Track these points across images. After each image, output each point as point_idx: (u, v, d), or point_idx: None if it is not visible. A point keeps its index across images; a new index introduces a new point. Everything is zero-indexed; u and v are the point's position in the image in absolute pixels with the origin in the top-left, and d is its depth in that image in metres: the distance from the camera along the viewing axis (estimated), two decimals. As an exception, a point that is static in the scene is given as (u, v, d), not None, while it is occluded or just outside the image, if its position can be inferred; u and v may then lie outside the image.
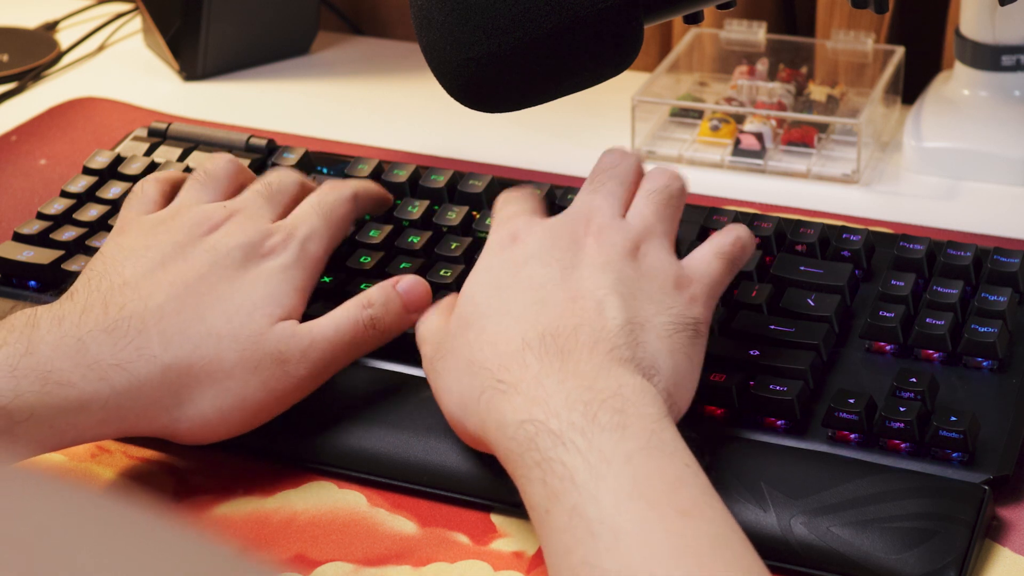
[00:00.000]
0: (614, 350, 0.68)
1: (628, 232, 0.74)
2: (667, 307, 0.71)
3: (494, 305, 0.71)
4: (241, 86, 1.18)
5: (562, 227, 0.74)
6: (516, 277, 0.72)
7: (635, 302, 0.71)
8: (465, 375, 0.70)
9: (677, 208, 0.77)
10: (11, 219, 0.99)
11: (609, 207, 0.75)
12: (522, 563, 0.72)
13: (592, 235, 0.73)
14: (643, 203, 0.76)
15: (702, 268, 0.74)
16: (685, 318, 0.71)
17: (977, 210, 0.99)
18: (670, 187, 0.77)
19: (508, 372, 0.68)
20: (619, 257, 0.72)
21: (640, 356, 0.69)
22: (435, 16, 0.73)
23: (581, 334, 0.69)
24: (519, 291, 0.71)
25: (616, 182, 0.77)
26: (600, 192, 0.76)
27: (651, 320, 0.70)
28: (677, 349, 0.70)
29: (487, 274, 0.73)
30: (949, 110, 1.03)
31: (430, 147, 1.07)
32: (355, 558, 0.72)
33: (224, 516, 0.75)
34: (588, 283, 0.71)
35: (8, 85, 1.19)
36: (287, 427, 0.78)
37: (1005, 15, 0.99)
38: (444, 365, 0.72)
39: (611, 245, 0.73)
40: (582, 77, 0.75)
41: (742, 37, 1.11)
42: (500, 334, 0.70)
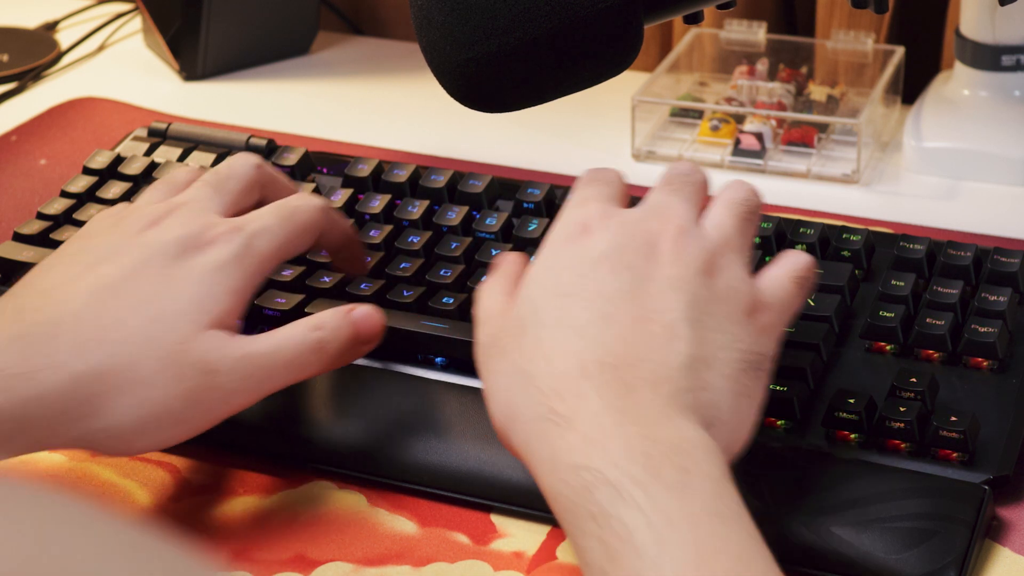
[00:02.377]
0: (677, 394, 0.64)
1: (705, 243, 0.69)
2: (736, 339, 0.66)
3: (554, 313, 0.66)
4: (241, 86, 1.18)
5: (637, 225, 0.69)
6: (582, 282, 0.67)
7: (703, 332, 0.66)
8: (516, 387, 0.66)
9: (755, 224, 0.72)
10: (11, 219, 0.99)
11: (687, 212, 0.70)
12: (522, 563, 0.72)
13: (669, 239, 0.68)
14: (724, 213, 0.71)
15: (777, 293, 0.70)
16: (753, 354, 0.67)
17: (977, 210, 0.99)
18: (750, 201, 0.72)
19: (563, 401, 0.63)
20: (694, 274, 0.67)
21: (702, 402, 0.64)
22: (435, 16, 0.73)
23: (643, 369, 0.64)
24: (583, 300, 0.66)
25: (693, 188, 0.72)
26: (679, 194, 0.71)
27: (717, 355, 0.66)
28: (740, 391, 0.66)
29: (550, 272, 0.68)
30: (949, 110, 1.03)
31: (430, 147, 1.07)
32: (355, 558, 0.72)
33: (224, 516, 0.75)
34: (659, 302, 0.66)
35: (8, 85, 1.19)
36: (287, 427, 0.78)
37: (1005, 15, 0.99)
38: (496, 365, 0.67)
39: (688, 257, 0.68)
40: (582, 77, 0.75)
41: (742, 37, 1.11)
42: (557, 349, 0.65)
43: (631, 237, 0.68)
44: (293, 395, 0.79)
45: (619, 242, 0.68)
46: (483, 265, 0.85)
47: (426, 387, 0.79)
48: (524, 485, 0.74)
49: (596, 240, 0.68)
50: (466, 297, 0.83)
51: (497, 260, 0.74)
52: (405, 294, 0.83)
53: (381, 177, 0.93)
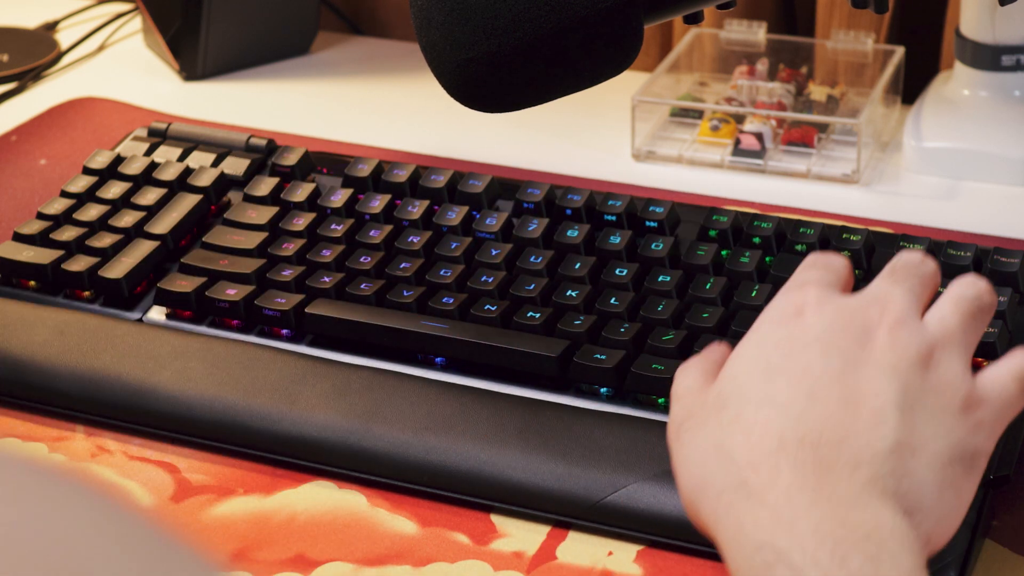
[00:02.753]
0: (878, 478, 0.61)
1: (924, 336, 0.66)
2: (947, 431, 0.63)
3: (758, 389, 0.64)
4: (241, 86, 1.18)
5: (854, 312, 0.66)
6: (790, 361, 0.65)
7: (913, 420, 0.63)
8: (711, 459, 0.64)
9: (983, 323, 0.68)
10: (11, 219, 0.99)
11: (909, 303, 0.67)
12: (522, 563, 0.72)
13: (886, 328, 0.65)
14: (949, 308, 0.67)
15: (996, 390, 0.66)
16: (964, 447, 0.64)
17: (977, 210, 0.98)
18: (982, 298, 0.68)
19: (756, 474, 0.62)
20: (909, 363, 0.64)
21: (905, 489, 0.62)
22: (435, 16, 0.73)
23: (844, 451, 0.62)
24: (789, 378, 0.64)
25: (918, 280, 0.68)
26: (902, 285, 0.68)
27: (926, 446, 0.63)
28: (947, 483, 0.63)
29: (758, 350, 0.66)
30: (949, 110, 1.03)
31: (430, 147, 1.07)
32: (355, 558, 0.72)
33: (224, 516, 0.75)
34: (868, 387, 0.63)
35: (8, 85, 1.19)
36: (287, 427, 0.78)
37: (1005, 15, 0.99)
38: (691, 438, 0.65)
39: (904, 346, 0.65)
40: (582, 77, 0.75)
41: (742, 37, 1.11)
42: (757, 423, 0.63)
43: (846, 323, 0.66)
44: (293, 395, 0.79)
45: (833, 326, 0.66)
46: (483, 265, 0.85)
47: (426, 387, 0.79)
48: (524, 485, 0.74)
49: (809, 323, 0.66)
50: (466, 297, 0.83)
51: (701, 352, 0.71)
52: (405, 294, 0.83)
53: (381, 177, 0.93)
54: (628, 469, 0.73)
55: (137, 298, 0.87)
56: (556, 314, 0.82)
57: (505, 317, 0.82)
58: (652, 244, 0.85)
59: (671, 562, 0.72)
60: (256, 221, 0.90)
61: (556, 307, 0.82)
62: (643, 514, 0.72)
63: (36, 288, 0.88)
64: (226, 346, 0.82)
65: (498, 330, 0.81)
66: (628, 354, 0.79)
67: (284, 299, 0.84)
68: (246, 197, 0.93)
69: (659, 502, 0.72)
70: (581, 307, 0.82)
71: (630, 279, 0.83)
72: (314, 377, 0.80)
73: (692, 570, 0.71)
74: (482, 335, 0.80)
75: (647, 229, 0.88)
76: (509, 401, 0.78)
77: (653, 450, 0.73)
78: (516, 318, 0.81)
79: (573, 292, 0.83)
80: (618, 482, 0.73)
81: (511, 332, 0.81)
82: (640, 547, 0.73)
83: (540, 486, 0.74)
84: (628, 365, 0.78)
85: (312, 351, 0.83)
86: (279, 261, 0.88)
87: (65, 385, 0.81)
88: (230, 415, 0.79)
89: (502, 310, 0.82)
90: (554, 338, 0.80)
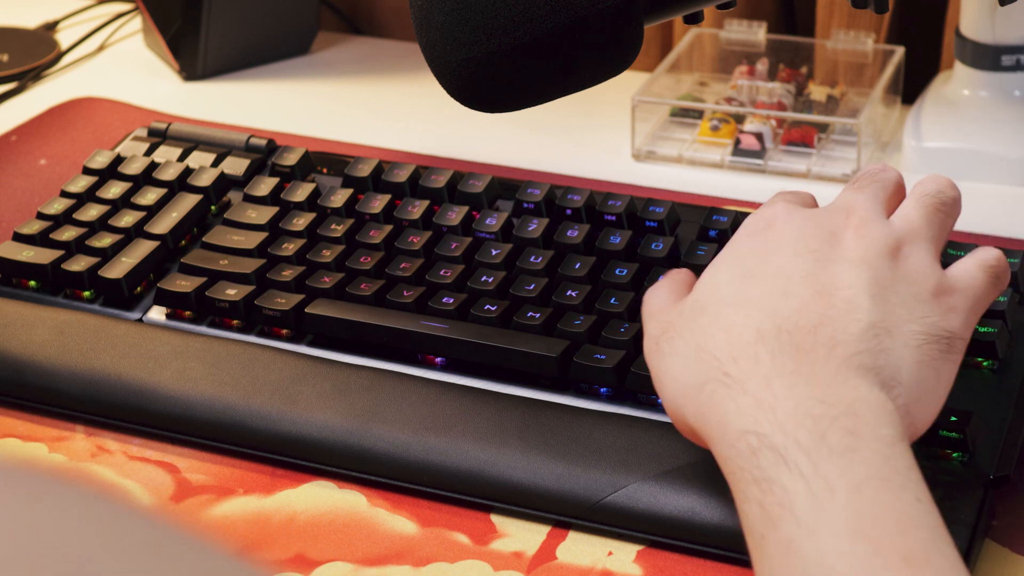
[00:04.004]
0: (854, 356, 0.63)
1: (890, 230, 0.68)
2: (921, 315, 0.65)
3: (734, 292, 0.67)
4: (241, 86, 1.18)
5: (821, 217, 0.69)
6: (763, 265, 0.67)
7: (887, 305, 0.65)
8: (692, 361, 0.66)
9: (948, 216, 0.71)
10: (11, 219, 0.99)
11: (872, 206, 0.69)
12: (522, 563, 0.72)
13: (852, 228, 0.68)
14: (912, 205, 0.70)
15: (966, 279, 0.68)
16: (940, 329, 0.65)
17: (977, 210, 0.98)
18: (943, 192, 0.71)
19: (736, 365, 0.64)
20: (877, 255, 0.67)
21: (882, 364, 0.63)
22: (435, 16, 0.73)
23: (821, 333, 0.64)
24: (763, 279, 0.67)
25: (879, 185, 0.71)
26: (864, 191, 0.71)
27: (901, 327, 0.65)
28: (925, 361, 0.64)
29: (732, 260, 0.69)
30: (949, 110, 1.03)
31: (430, 147, 1.07)
32: (355, 558, 0.72)
33: (224, 516, 0.75)
34: (839, 279, 0.66)
35: (8, 85, 1.19)
36: (287, 427, 0.78)
37: (1005, 15, 0.99)
38: (671, 347, 0.68)
39: (871, 241, 0.67)
40: (582, 77, 0.75)
41: (742, 37, 1.11)
42: (735, 321, 0.65)
43: (815, 227, 0.68)
44: (293, 395, 0.79)
45: (803, 231, 0.68)
46: (483, 265, 0.85)
47: (426, 387, 0.79)
48: (524, 485, 0.74)
49: (779, 231, 0.69)
50: (466, 297, 0.83)
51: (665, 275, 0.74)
52: (405, 294, 0.83)
53: (381, 177, 0.93)
54: (628, 469, 0.73)
55: (137, 298, 0.87)
56: (556, 314, 0.82)
57: (505, 317, 0.82)
58: (652, 244, 0.85)
59: (671, 562, 0.72)
60: (256, 221, 0.90)
61: (556, 307, 0.82)
62: (643, 514, 0.72)
63: (36, 288, 0.88)
64: (226, 346, 0.82)
65: (498, 330, 0.81)
66: (628, 354, 0.79)
67: (284, 299, 0.84)
68: (246, 197, 0.93)
69: (659, 502, 0.72)
70: (581, 307, 0.82)
71: (630, 279, 0.83)
72: (314, 377, 0.80)
73: (692, 570, 0.71)
74: (482, 335, 0.80)
75: (647, 229, 0.88)
76: (509, 401, 0.78)
77: (653, 450, 0.73)
78: (516, 318, 0.81)
79: (573, 292, 0.83)
80: (618, 482, 0.73)
81: (511, 332, 0.81)
82: (640, 547, 0.73)
83: (540, 486, 0.74)
84: (628, 365, 0.78)
85: (312, 351, 0.83)
86: (279, 261, 0.88)
87: (65, 385, 0.81)
88: (230, 415, 0.79)
89: (502, 310, 0.82)
90: (554, 338, 0.80)
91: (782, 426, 0.61)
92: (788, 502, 0.59)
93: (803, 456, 0.59)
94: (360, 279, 0.85)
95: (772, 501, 0.59)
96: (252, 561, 0.36)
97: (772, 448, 0.60)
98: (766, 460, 0.60)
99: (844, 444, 0.60)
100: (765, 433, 0.61)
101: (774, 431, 0.61)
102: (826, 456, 0.59)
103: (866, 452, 0.59)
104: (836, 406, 0.61)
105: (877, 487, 0.59)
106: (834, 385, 0.62)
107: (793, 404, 0.61)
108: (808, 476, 0.59)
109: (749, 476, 0.60)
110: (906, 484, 0.59)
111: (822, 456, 0.59)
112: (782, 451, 0.60)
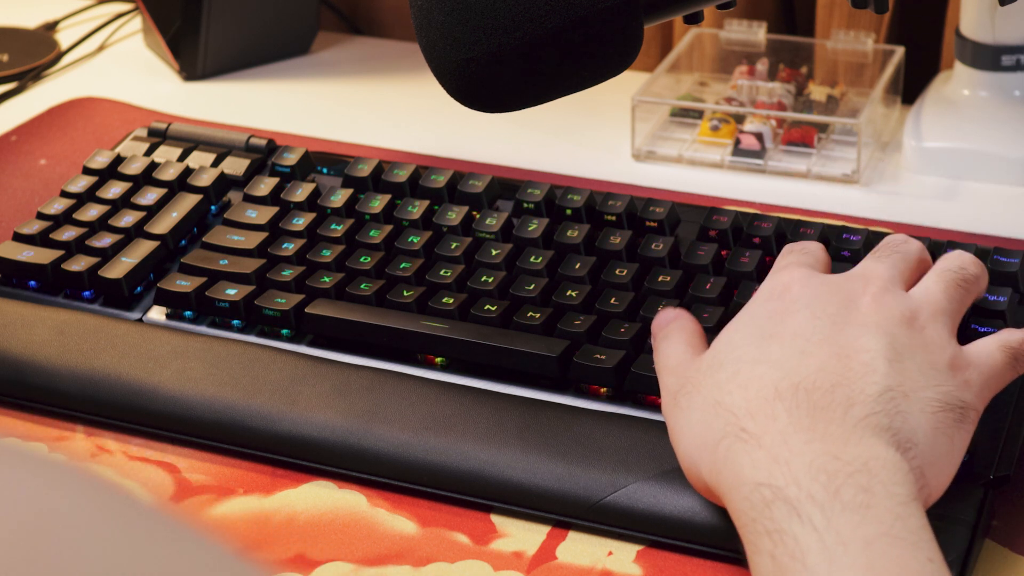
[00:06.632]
0: (871, 416, 0.63)
1: (909, 302, 0.69)
2: (937, 383, 0.66)
3: (753, 351, 0.67)
4: (241, 86, 1.18)
5: (839, 284, 0.70)
6: (781, 326, 0.68)
7: (903, 370, 0.65)
8: (710, 416, 0.66)
9: (969, 292, 0.71)
10: (11, 219, 0.99)
11: (891, 276, 0.70)
12: (522, 563, 0.72)
13: (870, 296, 0.69)
14: (933, 280, 0.71)
15: (983, 357, 0.68)
16: (955, 399, 0.66)
17: (977, 210, 0.99)
18: (966, 269, 0.72)
19: (753, 420, 0.64)
20: (894, 322, 0.67)
21: (898, 426, 0.63)
22: (435, 16, 0.73)
23: (838, 393, 0.64)
24: (782, 340, 0.67)
25: (901, 257, 0.72)
26: (884, 261, 0.71)
27: (917, 392, 0.65)
28: (940, 428, 0.64)
29: (751, 320, 0.69)
30: (949, 110, 1.03)
31: (430, 147, 1.07)
32: (355, 558, 0.72)
33: (224, 516, 0.75)
34: (857, 343, 0.66)
35: (8, 85, 1.19)
36: (287, 427, 0.78)
37: (1005, 15, 0.99)
38: (689, 402, 0.68)
39: (888, 309, 0.68)
40: (582, 77, 0.75)
41: (742, 37, 1.11)
42: (753, 379, 0.66)
43: (833, 293, 0.69)
44: (293, 395, 0.79)
45: (820, 296, 0.69)
46: (483, 265, 0.85)
47: (426, 387, 0.79)
48: (524, 485, 0.74)
49: (797, 295, 0.69)
50: (466, 297, 0.83)
51: (660, 320, 0.74)
52: (405, 294, 0.83)
53: (381, 177, 0.93)
54: (628, 469, 0.73)
55: (137, 298, 0.87)
56: (556, 314, 0.82)
57: (505, 317, 0.82)
58: (652, 244, 0.85)
59: (671, 562, 0.72)
60: (256, 221, 0.90)
61: (556, 307, 0.82)
62: (643, 514, 0.72)
63: (36, 288, 0.88)
64: (226, 346, 0.82)
65: (498, 330, 0.81)
66: (628, 354, 0.79)
67: (284, 299, 0.84)
68: (246, 197, 0.93)
69: (659, 502, 0.72)
70: (581, 307, 0.82)
71: (630, 279, 0.83)
72: (314, 377, 0.80)
73: (692, 570, 0.71)
74: (482, 335, 0.80)
75: (647, 229, 0.88)
76: (509, 401, 0.78)
77: (653, 450, 0.73)
78: (516, 318, 0.81)
79: (573, 292, 0.83)
80: (618, 482, 0.73)
81: (511, 332, 0.81)
82: (640, 547, 0.73)
83: (540, 486, 0.74)
84: (628, 365, 0.78)
85: (312, 351, 0.83)
86: (279, 261, 0.88)
87: (65, 385, 0.81)
88: (230, 415, 0.79)
89: (502, 310, 0.82)
90: (554, 338, 0.80)
91: (796, 480, 0.61)
92: (800, 554, 0.59)
93: (816, 510, 0.60)
94: (360, 279, 0.85)
95: (784, 553, 0.59)
96: (252, 561, 0.36)
97: (786, 500, 0.60)
98: (779, 512, 0.60)
99: (858, 500, 0.60)
100: (779, 486, 0.61)
101: (788, 484, 0.61)
102: (839, 511, 0.59)
103: (879, 509, 0.60)
104: (851, 463, 0.61)
105: (889, 544, 0.59)
106: (850, 443, 0.62)
107: (808, 459, 0.61)
108: (821, 530, 0.59)
109: (762, 528, 0.61)
110: (918, 543, 0.59)
111: (835, 511, 0.59)
112: (796, 504, 0.60)
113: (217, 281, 0.86)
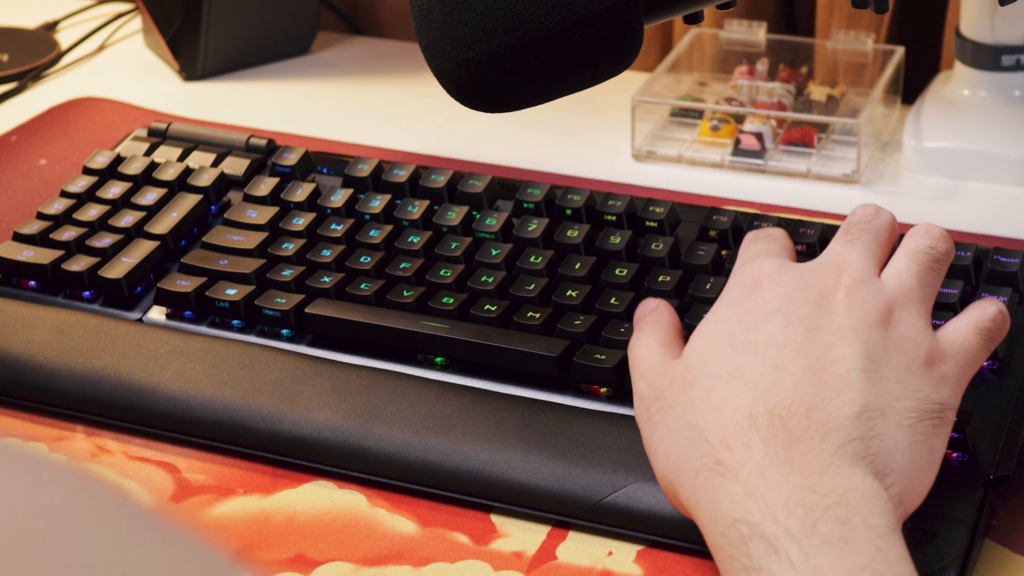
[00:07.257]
0: (848, 443, 0.63)
1: (882, 295, 0.67)
2: (913, 389, 0.65)
3: (725, 366, 0.66)
4: (241, 86, 1.18)
5: (811, 278, 0.68)
6: (753, 335, 0.66)
7: (879, 381, 0.65)
8: (684, 440, 0.65)
9: (940, 273, 0.70)
10: (11, 219, 0.99)
11: (864, 262, 0.69)
12: (522, 563, 0.72)
13: (843, 291, 0.67)
14: (904, 263, 0.69)
15: (958, 343, 0.68)
16: (931, 403, 0.65)
17: (977, 210, 0.99)
18: (936, 248, 0.70)
19: (729, 452, 0.63)
20: (869, 324, 0.66)
21: (875, 451, 0.63)
22: (435, 16, 0.73)
23: (813, 420, 0.63)
24: (755, 352, 0.66)
25: (872, 236, 0.70)
26: (855, 245, 0.70)
27: (893, 405, 0.64)
28: (918, 440, 0.64)
29: (722, 326, 0.68)
30: (949, 110, 1.03)
31: (430, 147, 1.07)
32: (355, 558, 0.72)
33: (224, 516, 0.75)
34: (831, 353, 0.65)
35: (8, 85, 1.19)
36: (287, 427, 0.78)
37: (1005, 15, 0.99)
38: (662, 419, 0.67)
39: (862, 307, 0.67)
40: (582, 77, 0.75)
41: (742, 37, 1.11)
42: (728, 400, 0.65)
43: (804, 291, 0.67)
44: (293, 395, 0.79)
45: (791, 295, 0.67)
46: (483, 265, 0.85)
47: (426, 387, 0.79)
48: (524, 485, 0.74)
49: (768, 295, 0.68)
50: (466, 297, 0.83)
51: (642, 309, 0.74)
52: (405, 294, 0.83)
53: (381, 177, 0.93)
54: (628, 469, 0.73)
55: (137, 298, 0.87)
56: (556, 314, 0.82)
57: (505, 317, 0.82)
58: (652, 244, 0.85)
59: (671, 562, 0.72)
60: (256, 221, 0.90)
61: (556, 307, 0.82)
62: (643, 514, 0.72)
63: (36, 288, 0.88)
64: (226, 346, 0.82)
65: (498, 330, 0.81)
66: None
67: (284, 299, 0.84)
68: (246, 197, 0.93)
69: (659, 502, 0.72)
70: (581, 307, 0.82)
71: (630, 279, 0.83)
72: (314, 377, 0.80)
73: (692, 570, 0.71)
74: (482, 335, 0.80)
75: (647, 229, 0.88)
76: (509, 401, 0.78)
77: (653, 450, 0.73)
78: (516, 318, 0.81)
79: (573, 292, 0.83)
80: (618, 482, 0.73)
81: (511, 332, 0.81)
82: (640, 547, 0.73)
83: (540, 486, 0.74)
84: (628, 365, 0.78)
85: (312, 351, 0.83)
86: (279, 261, 0.88)
87: (65, 385, 0.81)
88: (230, 415, 0.79)
89: (502, 310, 0.82)
90: (554, 338, 0.80)
91: (773, 515, 0.60)
92: None
93: (794, 545, 0.59)
94: (360, 279, 0.85)
95: None
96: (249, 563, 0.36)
97: (763, 537, 0.60)
98: (757, 549, 0.60)
99: (836, 534, 0.59)
100: (756, 522, 0.60)
101: (765, 520, 0.60)
102: (817, 546, 0.59)
103: (858, 542, 0.59)
104: (828, 495, 0.61)
105: None
106: (827, 474, 0.62)
107: (785, 493, 0.61)
108: (798, 566, 0.59)
109: (739, 565, 0.60)
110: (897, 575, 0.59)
111: (813, 546, 0.59)
112: (772, 540, 0.60)
113: (217, 281, 0.86)
